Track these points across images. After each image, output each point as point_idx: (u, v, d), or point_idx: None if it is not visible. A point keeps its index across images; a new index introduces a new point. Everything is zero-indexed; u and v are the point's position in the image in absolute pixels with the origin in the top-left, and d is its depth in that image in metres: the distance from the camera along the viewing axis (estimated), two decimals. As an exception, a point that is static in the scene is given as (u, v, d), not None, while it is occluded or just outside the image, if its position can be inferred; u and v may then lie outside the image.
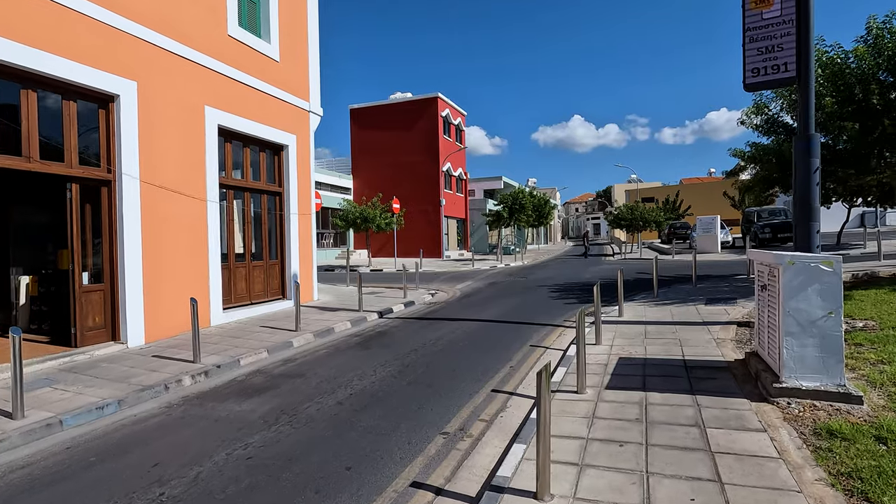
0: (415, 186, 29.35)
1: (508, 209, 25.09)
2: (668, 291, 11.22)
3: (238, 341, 7.56)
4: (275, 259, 10.88)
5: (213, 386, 5.74)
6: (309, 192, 11.72)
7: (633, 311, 8.96)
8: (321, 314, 9.89)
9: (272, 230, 10.89)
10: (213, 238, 8.75)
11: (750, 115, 10.85)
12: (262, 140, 10.31)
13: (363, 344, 7.65)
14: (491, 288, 14.16)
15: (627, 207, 31.69)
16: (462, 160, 33.02)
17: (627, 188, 57.11)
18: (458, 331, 8.29)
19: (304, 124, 11.54)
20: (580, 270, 19.20)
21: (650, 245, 37.35)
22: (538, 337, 7.71)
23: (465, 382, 5.51)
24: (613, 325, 7.84)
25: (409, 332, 8.44)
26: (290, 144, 10.98)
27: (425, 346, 7.26)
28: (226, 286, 9.33)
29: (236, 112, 9.41)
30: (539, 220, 32.48)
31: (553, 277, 16.35)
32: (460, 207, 32.96)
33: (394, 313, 10.44)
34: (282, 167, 11.00)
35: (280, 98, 10.67)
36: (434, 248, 28.77)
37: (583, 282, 14.66)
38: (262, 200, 10.52)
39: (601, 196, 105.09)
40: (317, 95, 12.03)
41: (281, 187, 10.98)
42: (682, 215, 45.39)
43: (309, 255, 11.66)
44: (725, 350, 5.96)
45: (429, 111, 29.22)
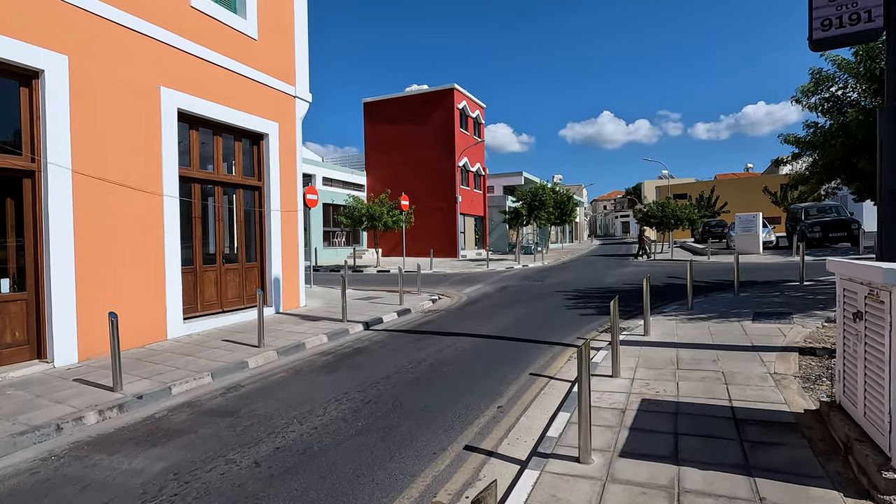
0: (430, 183, 28.06)
1: (528, 206, 23.52)
2: (706, 302, 9.57)
3: (186, 360, 6.41)
4: (253, 261, 9.75)
5: (121, 425, 4.56)
6: (294, 187, 10.55)
7: (661, 329, 7.41)
8: (298, 325, 8.69)
9: (250, 229, 9.77)
10: (172, 238, 7.65)
11: (807, 92, 9.09)
12: (237, 128, 9.17)
13: (331, 366, 6.39)
14: (501, 293, 12.73)
15: (658, 204, 29.56)
16: (480, 155, 31.53)
17: (658, 184, 54.42)
18: (448, 349, 6.94)
19: (288, 111, 10.37)
20: (603, 273, 17.53)
21: (682, 244, 35.06)
22: (542, 361, 6.28)
23: (434, 432, 4.17)
24: (637, 348, 6.33)
25: (392, 349, 7.14)
26: (270, 133, 9.82)
27: (402, 372, 5.94)
28: (189, 293, 8.24)
29: (202, 95, 8.28)
30: (561, 217, 30.71)
31: (572, 281, 14.77)
32: (478, 204, 31.49)
33: (383, 324, 9.17)
34: (261, 159, 9.86)
35: (258, 81, 9.52)
36: (450, 247, 27.44)
37: (604, 287, 13.06)
38: (237, 196, 9.40)
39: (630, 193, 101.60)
40: (305, 79, 10.85)
41: (260, 181, 9.84)
42: (717, 213, 42.71)
43: (294, 256, 10.50)
44: (789, 393, 4.42)
45: (444, 103, 27.84)
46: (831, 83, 8.75)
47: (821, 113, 9.08)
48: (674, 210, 28.33)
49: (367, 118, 30.06)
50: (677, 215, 28.27)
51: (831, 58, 9.02)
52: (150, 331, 7.32)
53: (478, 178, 31.43)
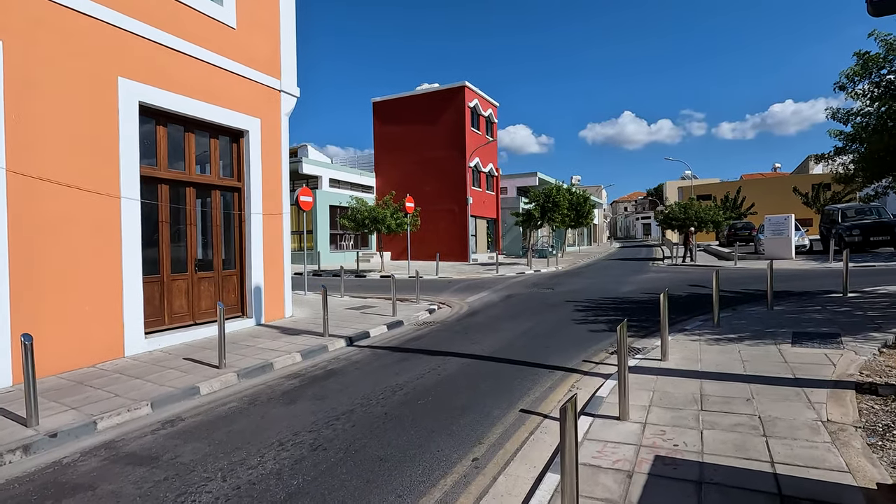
0: (440, 184, 27.18)
1: (540, 208, 22.42)
2: (734, 317, 8.43)
3: (131, 385, 5.63)
4: (231, 268, 9.00)
5: (16, 475, 3.78)
6: (279, 188, 9.78)
7: (682, 352, 6.35)
8: (275, 340, 7.88)
9: (228, 234, 9.02)
10: (131, 245, 6.92)
11: (853, 76, 7.90)
12: (212, 124, 8.43)
13: (293, 394, 5.53)
14: (506, 303, 11.75)
15: (680, 205, 28.13)
16: (493, 155, 30.53)
17: (681, 185, 52.52)
18: (431, 374, 6.02)
19: (272, 106, 9.61)
20: (619, 280, 16.35)
21: (706, 248, 33.42)
22: (538, 392, 5.31)
23: (384, 498, 3.25)
24: (652, 378, 5.31)
25: (367, 372, 6.25)
26: (250, 130, 9.06)
27: (370, 404, 5.05)
28: (154, 304, 7.51)
29: (170, 88, 7.55)
30: (578, 219, 29.49)
31: (585, 290, 13.68)
32: (490, 206, 30.48)
33: (369, 339, 8.30)
34: (241, 157, 9.10)
35: (237, 73, 8.77)
36: (460, 250, 26.51)
37: (619, 297, 11.94)
38: (213, 198, 8.65)
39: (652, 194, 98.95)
40: (292, 72, 10.08)
41: (240, 181, 9.09)
42: (743, 214, 40.79)
43: (278, 263, 9.72)
44: (851, 454, 3.37)
45: (455, 102, 26.93)
46: (882, 65, 7.54)
47: (869, 100, 7.87)
48: (697, 211, 26.85)
49: (376, 118, 29.35)
50: (701, 217, 26.79)
51: (881, 37, 7.83)
52: (103, 348, 6.59)
53: (490, 179, 30.42)
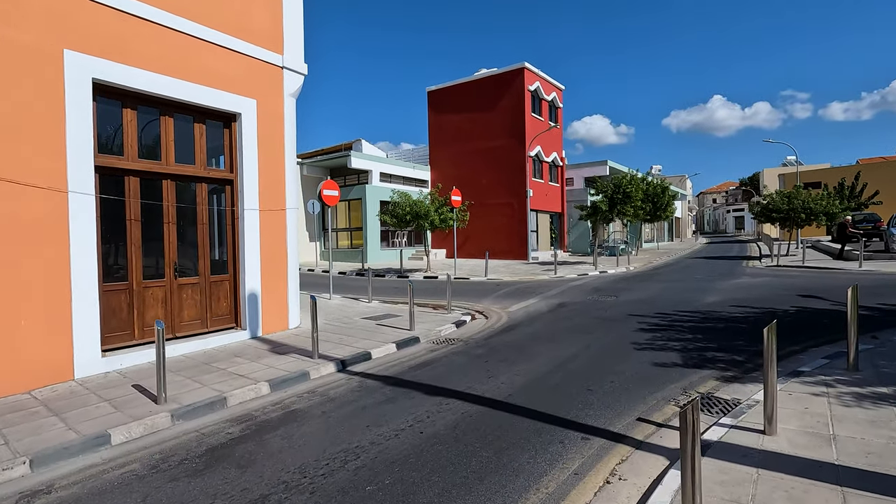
0: (497, 176, 25.16)
1: (609, 200, 19.71)
2: (879, 352, 5.85)
3: (36, 425, 4.50)
4: (222, 273, 7.85)
5: None
6: (282, 180, 8.51)
7: (799, 417, 4.09)
8: (255, 360, 6.56)
9: (218, 234, 7.87)
10: (83, 247, 5.89)
11: None
12: (194, 106, 7.28)
13: (217, 453, 4.07)
14: (554, 314, 9.68)
15: (782, 195, 23.81)
16: (557, 143, 27.89)
17: (782, 172, 45.98)
18: (413, 430, 4.31)
19: (272, 85, 8.33)
20: (703, 286, 13.49)
21: (815, 244, 28.43)
22: (555, 483, 3.39)
23: None
24: (749, 472, 3.19)
25: (333, 420, 4.66)
26: (244, 113, 7.83)
27: (300, 486, 3.44)
28: (119, 316, 6.47)
29: (136, 63, 6.45)
30: (655, 213, 26.15)
31: (656, 299, 11.17)
32: (554, 199, 27.91)
33: (369, 362, 6.75)
34: (234, 145, 7.91)
35: (225, 46, 7.55)
36: (519, 248, 24.36)
37: (701, 311, 9.39)
38: (199, 192, 7.52)
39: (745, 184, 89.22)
40: (297, 47, 8.75)
41: (232, 173, 7.90)
42: (864, 204, 34.49)
43: (280, 266, 8.47)
44: None
45: (513, 86, 24.70)
46: None
47: None
48: (805, 201, 22.52)
49: (431, 109, 27.89)
50: (810, 208, 22.42)
51: None
52: (47, 370, 5.59)
53: (554, 170, 27.83)
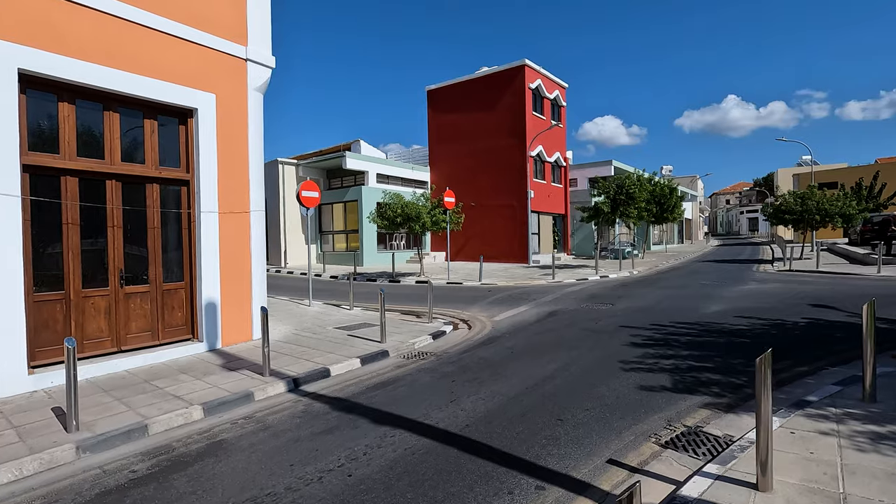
0: (497, 176, 24.45)
1: (611, 201, 18.92)
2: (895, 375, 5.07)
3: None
4: (177, 281, 7.28)
5: None
6: (245, 180, 7.94)
7: (802, 466, 3.38)
8: (200, 377, 5.98)
9: (173, 238, 7.31)
10: (5, 254, 5.34)
11: None
12: (143, 100, 6.73)
13: (103, 501, 3.46)
14: (541, 324, 8.98)
15: (795, 195, 22.79)
16: (560, 143, 27.10)
17: (797, 172, 44.60)
18: (340, 472, 3.67)
19: (234, 78, 7.77)
20: (707, 293, 12.68)
21: (830, 247, 27.29)
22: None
23: None
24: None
25: (255, 458, 4.04)
26: (201, 108, 7.27)
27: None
28: (53, 329, 5.93)
29: (73, 53, 5.91)
30: (662, 214, 25.24)
31: (654, 307, 10.40)
32: (557, 200, 27.10)
33: (326, 380, 6.13)
34: (190, 142, 7.34)
35: (178, 36, 7.00)
36: (520, 250, 23.61)
37: (701, 323, 8.62)
38: (148, 193, 6.96)
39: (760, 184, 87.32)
40: (263, 37, 8.18)
41: (189, 172, 7.34)
42: (883, 205, 33.19)
43: (243, 273, 7.89)
44: None
45: (514, 84, 23.98)
46: None
47: None
48: (819, 202, 21.50)
49: (430, 108, 27.27)
50: (825, 209, 21.39)
51: None
52: (-41, 389, 5.05)
53: (557, 170, 27.04)
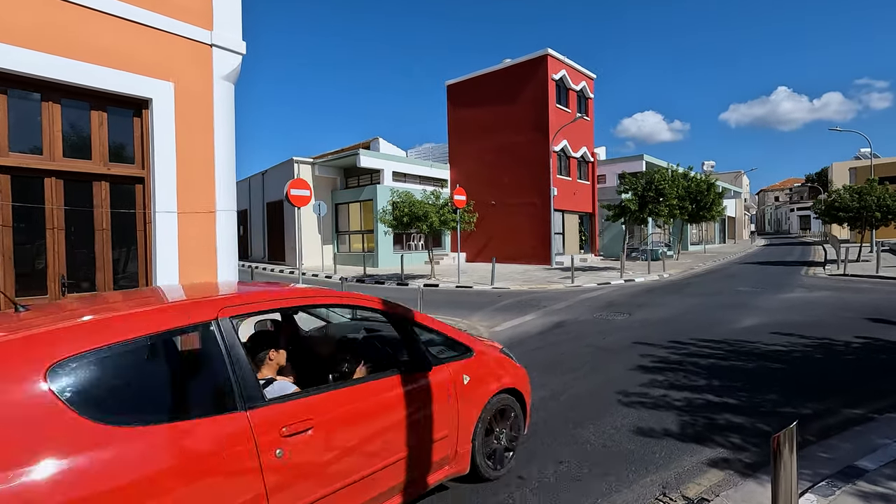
0: (519, 173, 23.25)
1: (639, 199, 17.43)
2: None
3: None
4: (130, 287, 6.66)
5: None
6: (211, 176, 7.27)
7: None
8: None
9: (125, 241, 6.70)
10: (-86, 260, 4.80)
11: None
12: (88, 90, 6.13)
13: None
14: (542, 338, 7.92)
15: (852, 191, 20.53)
16: (587, 137, 25.57)
17: (855, 165, 41.06)
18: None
19: (197, 66, 7.11)
20: (742, 302, 11.21)
21: (894, 248, 24.67)
22: None
23: None
24: None
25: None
26: (156, 98, 6.62)
27: None
28: (-25, 341, 5.36)
29: (1, 37, 5.33)
30: (699, 212, 23.41)
31: (676, 319, 9.11)
32: (584, 198, 25.60)
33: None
34: (145, 136, 6.71)
35: (128, 19, 6.37)
36: (542, 251, 22.34)
37: (728, 342, 7.30)
38: (96, 192, 6.36)
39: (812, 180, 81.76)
40: (233, 20, 7.50)
41: (143, 169, 6.70)
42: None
43: (208, 277, 7.21)
44: None
45: (536, 75, 22.68)
46: None
47: None
48: (881, 197, 19.23)
49: (450, 103, 26.30)
50: (886, 205, 19.12)
51: None
52: None
53: (584, 166, 25.54)
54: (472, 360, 3.37)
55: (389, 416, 2.73)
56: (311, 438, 2.31)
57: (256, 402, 2.17)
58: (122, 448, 1.78)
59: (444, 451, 3.07)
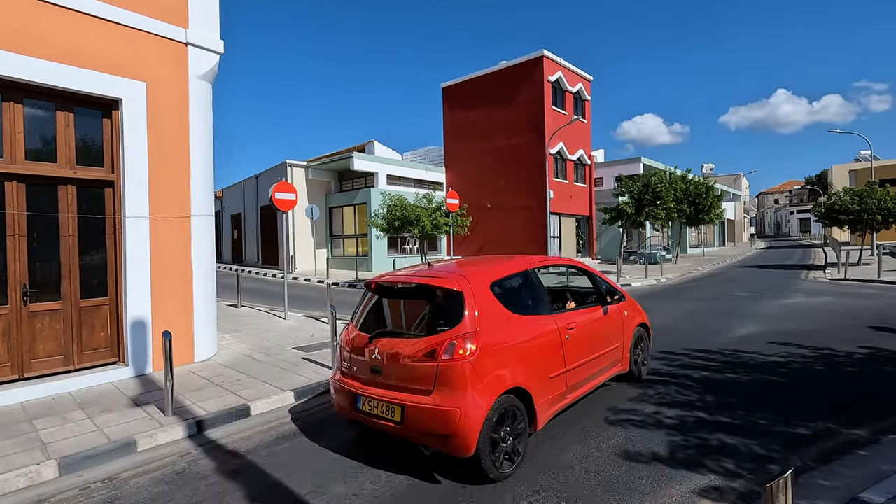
0: (515, 176, 23.00)
1: (635, 202, 17.16)
2: None
3: None
4: (99, 296, 6.39)
5: None
6: (186, 180, 7.00)
7: None
8: (94, 416, 5.04)
9: (94, 247, 6.42)
10: None
11: None
12: (53, 90, 5.86)
13: None
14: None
15: (852, 193, 20.27)
16: (584, 139, 25.33)
17: (855, 167, 40.81)
18: None
19: (172, 65, 6.84)
20: (739, 309, 10.92)
21: (894, 251, 24.39)
22: None
23: None
24: None
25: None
26: (126, 98, 6.35)
27: None
28: (-73, 355, 5.09)
29: (-45, 34, 5.07)
30: (696, 215, 23.12)
31: (669, 327, 8.82)
32: (581, 201, 25.33)
33: (245, 420, 5.09)
34: (115, 138, 6.44)
35: (97, 15, 6.11)
36: (536, 255, 22.02)
37: (723, 353, 7.01)
38: (62, 196, 6.10)
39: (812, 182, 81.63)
40: (210, 18, 7.24)
41: (113, 172, 6.43)
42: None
43: (183, 285, 6.94)
44: None
45: (532, 77, 22.46)
46: None
47: None
48: (881, 200, 18.96)
49: (446, 105, 26.08)
50: (887, 208, 18.85)
51: None
52: None
53: (580, 169, 25.27)
54: (626, 303, 5.63)
55: (599, 326, 4.98)
56: (575, 332, 4.47)
57: (554, 312, 4.40)
58: (518, 323, 3.93)
59: (617, 354, 5.30)
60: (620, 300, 5.43)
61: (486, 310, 3.70)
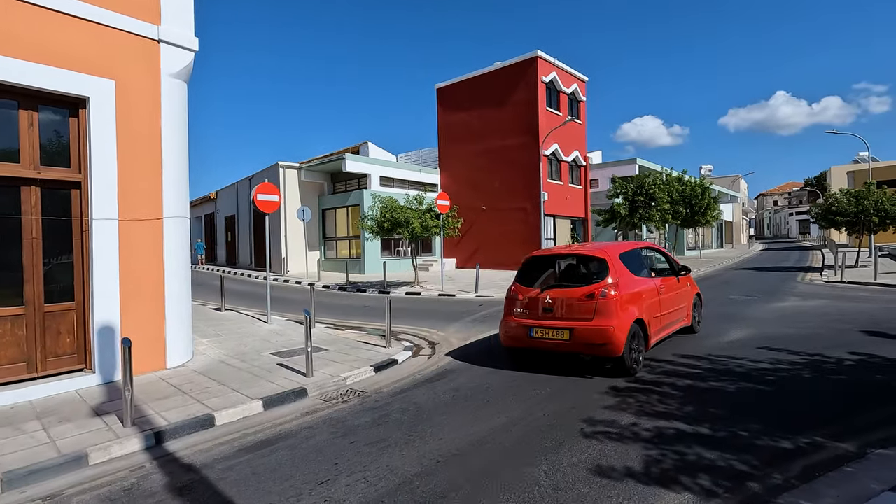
0: (510, 177, 22.78)
1: (629, 203, 16.94)
2: None
3: None
4: (65, 301, 6.19)
5: None
6: (158, 181, 6.80)
7: None
8: (50, 426, 4.84)
9: (60, 250, 6.21)
10: None
11: None
12: (15, 87, 5.66)
13: None
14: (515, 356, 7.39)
15: (849, 194, 20.06)
16: (579, 140, 25.13)
17: (853, 169, 40.63)
18: None
19: (143, 62, 6.65)
20: (732, 311, 10.73)
21: (893, 253, 24.18)
22: None
23: None
24: None
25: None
26: (94, 97, 6.16)
27: None
28: None
29: None
30: (693, 216, 22.91)
31: (665, 330, 8.59)
32: (576, 203, 25.10)
33: (209, 430, 4.88)
34: (83, 137, 6.25)
35: (63, 11, 5.91)
36: (533, 257, 21.80)
37: (710, 358, 6.77)
38: (24, 198, 5.90)
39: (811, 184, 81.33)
40: (183, 15, 7.06)
41: (80, 173, 6.24)
42: (955, 206, 29.26)
43: (154, 289, 6.74)
44: None
45: (525, 77, 22.26)
46: None
47: None
48: (879, 201, 18.76)
49: (440, 106, 25.88)
50: (885, 209, 18.65)
51: None
52: None
53: (575, 170, 25.05)
54: (688, 277, 7.99)
55: (676, 289, 7.43)
56: (665, 290, 6.97)
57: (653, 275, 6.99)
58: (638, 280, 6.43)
59: (685, 311, 7.72)
60: (687, 273, 7.83)
61: (619, 270, 6.09)
